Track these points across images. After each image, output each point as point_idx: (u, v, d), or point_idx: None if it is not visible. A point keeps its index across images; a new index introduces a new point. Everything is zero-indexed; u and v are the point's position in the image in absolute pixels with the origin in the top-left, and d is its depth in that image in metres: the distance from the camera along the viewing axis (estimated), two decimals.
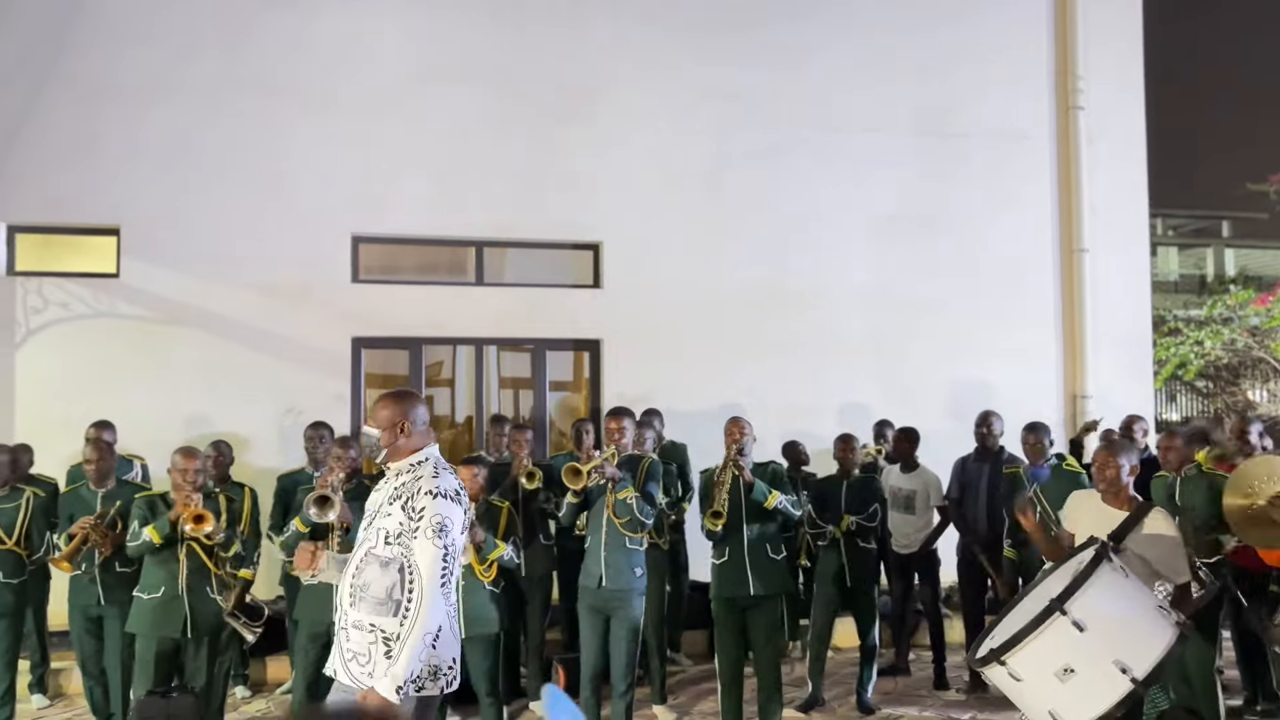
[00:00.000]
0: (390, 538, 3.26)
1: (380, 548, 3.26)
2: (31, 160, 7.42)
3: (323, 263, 7.84)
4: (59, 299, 7.45)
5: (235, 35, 7.79)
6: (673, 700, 6.18)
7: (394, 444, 3.36)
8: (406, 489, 3.31)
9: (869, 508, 6.04)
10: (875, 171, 8.79)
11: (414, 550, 3.22)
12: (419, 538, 3.23)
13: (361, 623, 3.23)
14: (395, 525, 3.26)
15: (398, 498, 3.30)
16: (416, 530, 3.24)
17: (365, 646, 3.22)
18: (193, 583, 5.02)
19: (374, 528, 3.31)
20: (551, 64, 8.29)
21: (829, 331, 8.55)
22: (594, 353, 8.43)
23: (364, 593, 3.24)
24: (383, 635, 3.20)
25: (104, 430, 6.31)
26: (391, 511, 3.29)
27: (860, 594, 6.07)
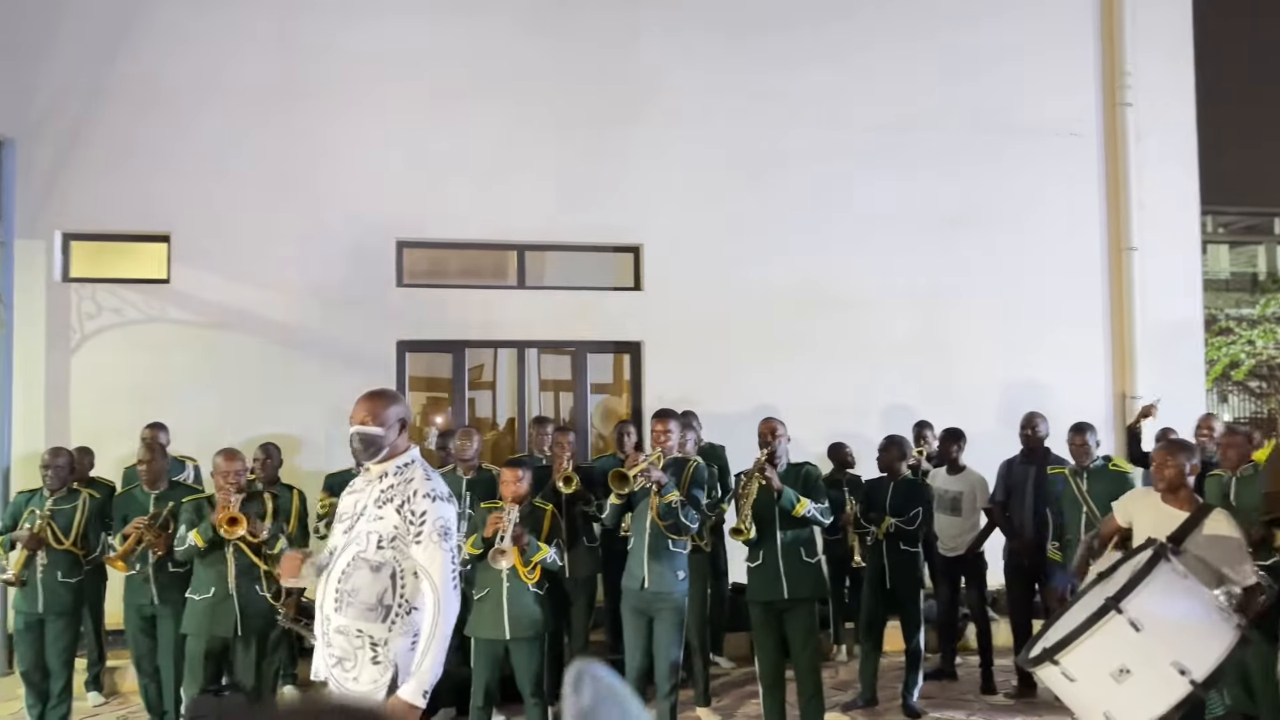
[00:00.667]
0: (384, 542, 3.18)
1: (371, 552, 3.17)
2: (84, 169, 7.58)
3: (368, 267, 7.93)
4: (112, 305, 7.60)
5: (283, 42, 7.91)
6: (716, 702, 6.17)
7: (395, 441, 3.28)
8: (397, 492, 3.22)
9: (911, 510, 5.96)
10: (921, 171, 8.70)
11: (417, 555, 3.17)
12: (423, 542, 3.17)
13: (347, 628, 3.15)
14: (389, 529, 3.18)
15: (388, 500, 3.21)
16: (419, 535, 3.17)
17: (351, 651, 3.15)
18: (242, 583, 5.12)
19: (360, 532, 3.21)
20: (594, 68, 8.32)
21: (873, 332, 8.48)
22: (635, 355, 8.44)
23: (352, 598, 3.15)
24: (370, 640, 3.14)
25: (158, 432, 6.44)
26: (383, 515, 3.19)
27: (904, 597, 6.01)
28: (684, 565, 5.15)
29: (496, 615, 5.02)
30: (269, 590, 5.25)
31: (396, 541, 3.17)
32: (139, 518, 5.49)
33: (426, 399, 8.57)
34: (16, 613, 5.73)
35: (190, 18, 7.81)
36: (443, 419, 8.39)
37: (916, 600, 6.04)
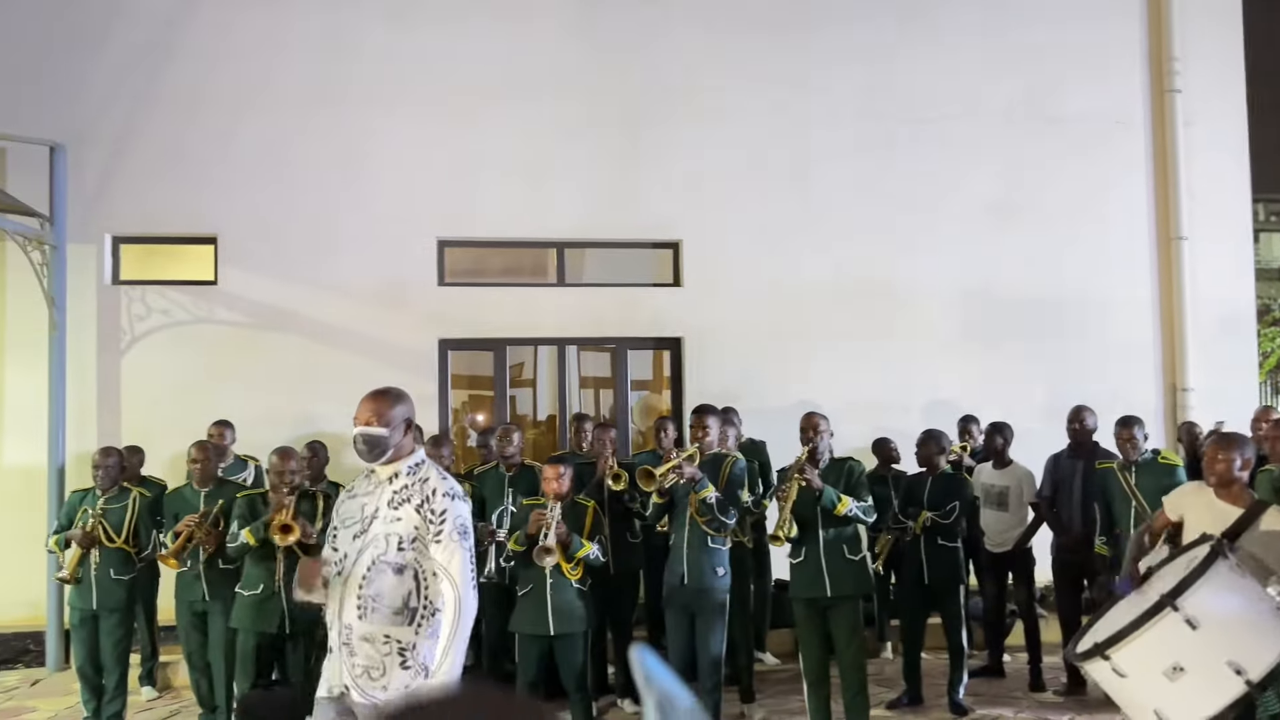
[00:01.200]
0: (404, 543, 3.11)
1: (392, 555, 3.11)
2: (133, 174, 7.73)
3: (410, 267, 8.00)
4: (161, 306, 7.74)
5: (327, 45, 8.00)
6: (761, 699, 6.15)
7: (401, 442, 3.21)
8: (414, 491, 3.16)
9: (948, 505, 5.87)
10: (964, 162, 8.60)
11: (436, 554, 3.11)
12: (443, 541, 3.11)
13: (374, 635, 3.08)
14: (408, 530, 3.11)
15: (404, 501, 3.14)
16: (439, 534, 3.11)
17: (379, 660, 3.08)
18: (290, 581, 5.18)
19: (378, 535, 3.14)
20: (633, 66, 8.32)
21: (916, 325, 8.40)
22: (675, 351, 8.43)
23: (377, 603, 3.09)
24: (398, 646, 3.08)
25: (224, 429, 6.53)
26: (401, 516, 3.13)
27: (943, 594, 5.93)
28: (724, 561, 5.13)
29: (540, 611, 5.04)
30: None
31: (417, 542, 3.11)
32: (190, 515, 5.58)
33: (468, 397, 8.63)
34: (72, 609, 5.85)
35: (236, 23, 7.92)
36: (483, 416, 8.45)
37: (956, 596, 5.96)
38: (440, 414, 8.01)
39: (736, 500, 5.11)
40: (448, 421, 8.15)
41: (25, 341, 7.46)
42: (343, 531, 3.24)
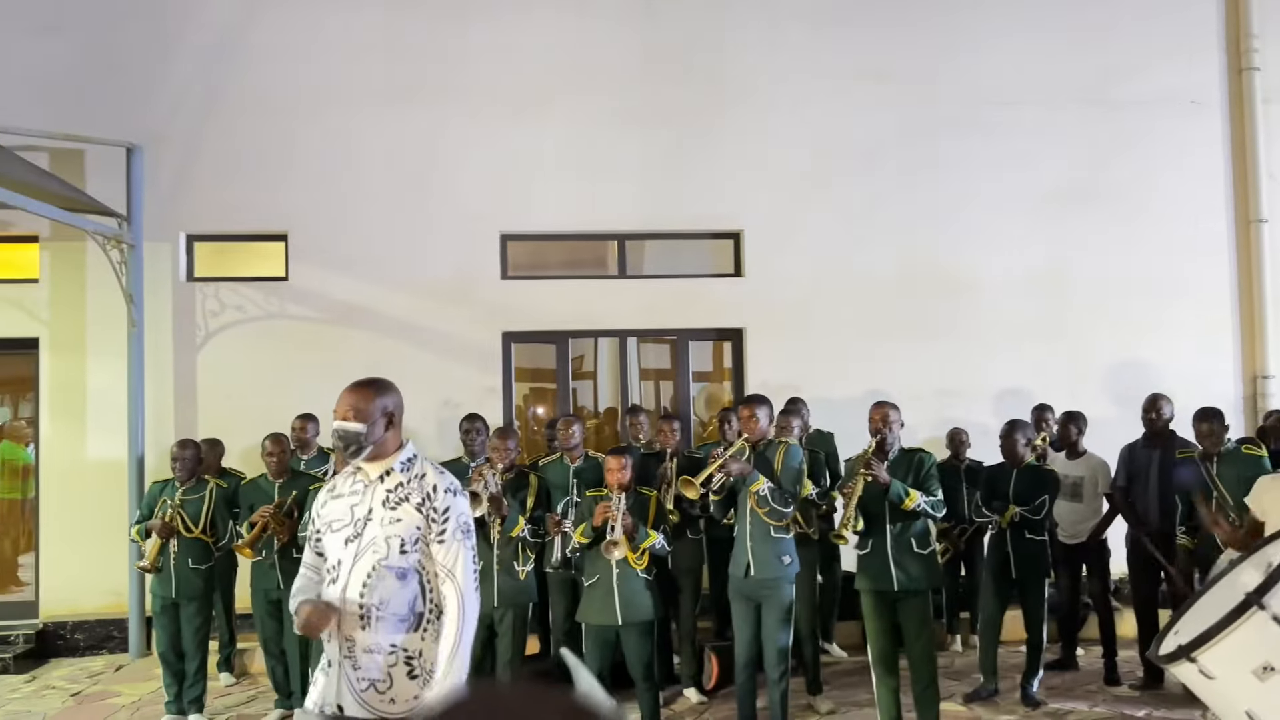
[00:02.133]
0: (407, 545, 2.89)
1: (395, 558, 2.88)
2: (206, 173, 7.92)
3: (474, 261, 8.08)
4: (234, 302, 7.93)
5: (392, 44, 8.10)
6: (828, 691, 6.12)
7: (383, 437, 2.98)
8: (411, 489, 2.94)
9: (1037, 499, 5.74)
10: (1034, 147, 8.42)
11: (438, 555, 2.91)
12: (446, 541, 2.91)
13: (379, 645, 2.86)
14: (410, 530, 2.89)
15: (402, 500, 2.92)
16: (443, 534, 2.91)
17: (384, 671, 2.86)
18: None
19: (376, 538, 2.90)
20: (694, 56, 8.30)
21: (985, 314, 8.25)
22: (736, 342, 8.40)
23: (383, 610, 2.86)
24: (405, 655, 2.86)
25: (307, 423, 6.69)
26: (400, 516, 2.91)
27: (1028, 587, 5.81)
28: (789, 551, 5.10)
29: (608, 602, 5.07)
30: None
31: (420, 544, 2.90)
32: (265, 506, 5.73)
33: (529, 389, 8.70)
34: (153, 597, 6.02)
35: (304, 24, 8.07)
36: (543, 409, 8.52)
37: (1041, 591, 5.83)
38: (504, 406, 8.09)
39: (794, 489, 5.06)
40: (511, 414, 8.23)
41: (106, 339, 7.69)
42: (330, 536, 2.98)
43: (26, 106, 7.43)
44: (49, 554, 7.70)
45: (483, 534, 5.35)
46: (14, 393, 9.38)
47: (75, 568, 7.57)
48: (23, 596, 8.09)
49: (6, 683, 6.94)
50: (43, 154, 7.72)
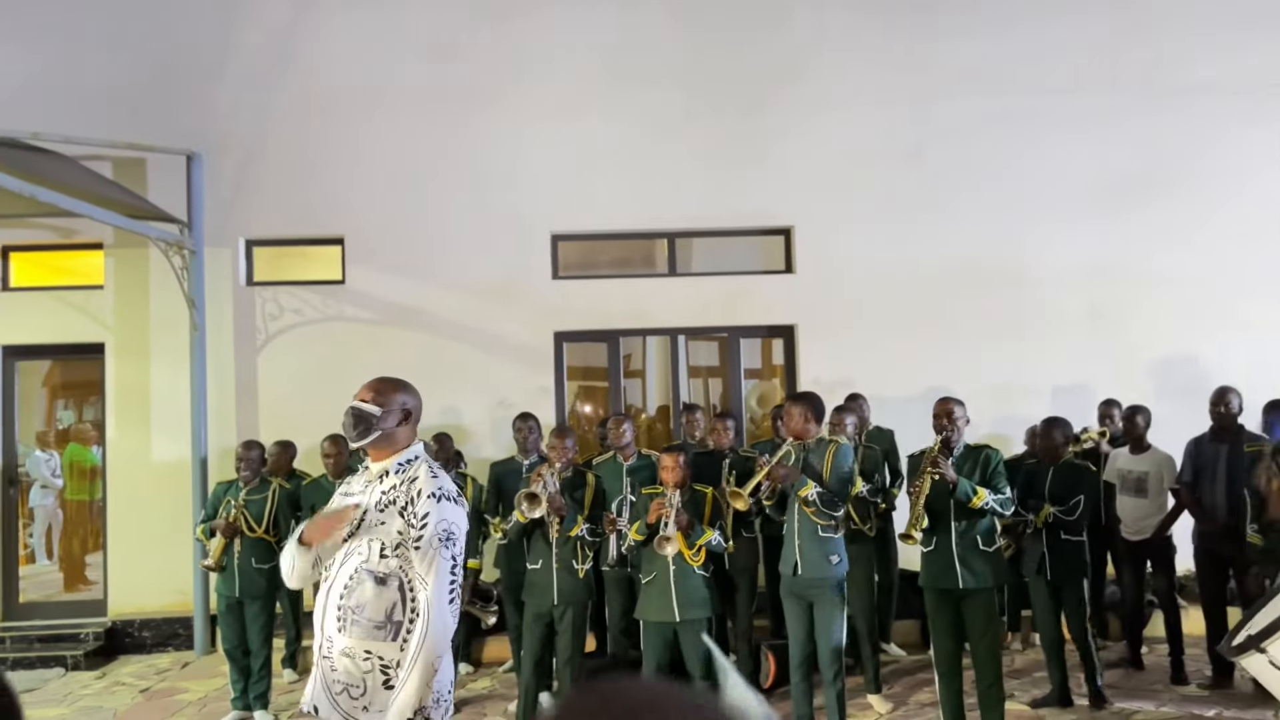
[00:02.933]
0: (387, 550, 2.81)
1: (374, 562, 2.80)
2: (263, 179, 8.06)
3: (525, 261, 8.13)
4: (293, 306, 8.07)
5: (441, 46, 8.19)
6: (887, 690, 6.07)
7: (392, 431, 2.93)
8: (400, 493, 2.87)
9: (1072, 498, 5.59)
10: (1092, 136, 8.25)
11: (416, 562, 2.79)
12: (422, 548, 2.79)
13: (354, 650, 2.78)
14: (393, 535, 2.81)
15: (390, 503, 2.85)
16: (419, 540, 2.79)
17: (359, 677, 2.78)
18: None
19: (363, 540, 2.85)
20: (743, 50, 8.27)
21: (1043, 308, 8.12)
22: (788, 339, 8.36)
23: (357, 615, 2.78)
24: (380, 663, 2.77)
25: None
26: (386, 519, 2.84)
27: (1065, 588, 5.67)
28: (837, 550, 5.03)
29: (665, 598, 5.08)
30: None
31: (401, 549, 2.80)
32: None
33: (581, 388, 8.74)
34: (219, 596, 6.14)
35: (354, 28, 8.18)
36: (591, 407, 8.56)
37: (1078, 590, 5.66)
38: (556, 405, 8.14)
39: (843, 488, 5.00)
40: (564, 413, 8.27)
41: (169, 342, 7.87)
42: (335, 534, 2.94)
43: (90, 117, 7.62)
44: (116, 553, 7.90)
45: (542, 533, 5.39)
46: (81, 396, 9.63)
47: (142, 567, 7.75)
48: (92, 595, 8.32)
49: (78, 679, 7.13)
50: (106, 163, 7.92)
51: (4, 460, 8.07)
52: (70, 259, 8.22)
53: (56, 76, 7.93)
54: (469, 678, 6.76)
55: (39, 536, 9.87)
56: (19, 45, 7.96)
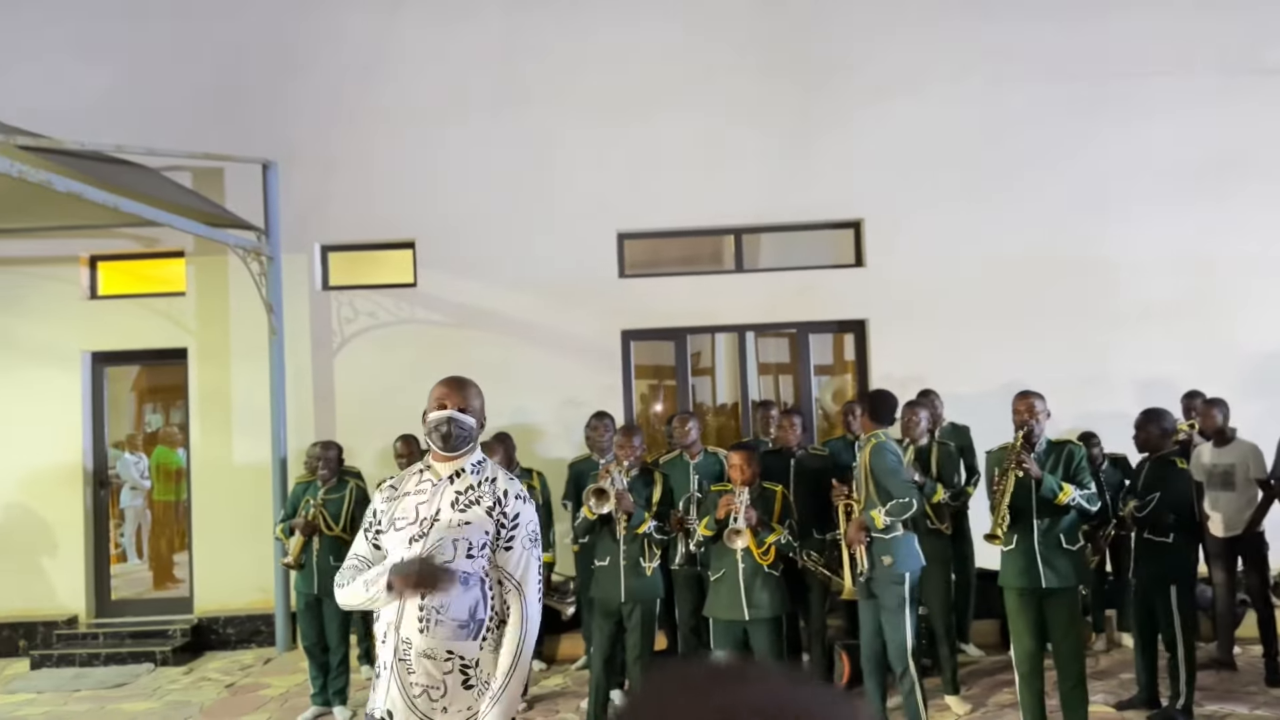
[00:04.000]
0: (474, 550, 2.80)
1: (460, 561, 2.78)
2: (337, 185, 8.23)
3: (592, 260, 8.16)
4: (367, 309, 8.22)
5: (509, 51, 8.26)
6: (966, 691, 5.94)
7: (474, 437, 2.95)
8: (482, 492, 2.86)
9: (1150, 495, 5.34)
10: (1175, 119, 7.97)
11: (506, 562, 2.83)
12: (514, 548, 2.83)
13: (436, 651, 2.75)
14: (479, 535, 2.81)
15: (473, 503, 2.84)
16: (511, 541, 2.83)
17: (439, 679, 2.75)
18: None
19: (443, 540, 2.80)
20: (807, 41, 8.18)
21: (1124, 298, 7.87)
22: (859, 334, 8.24)
23: (441, 615, 2.75)
24: (461, 663, 2.76)
25: None
26: (470, 519, 2.82)
27: (1152, 592, 5.41)
28: (898, 549, 4.95)
29: (734, 597, 5.05)
30: None
31: (486, 549, 2.81)
32: None
33: (649, 386, 8.74)
34: (298, 593, 6.27)
35: (426, 36, 8.29)
36: (661, 406, 8.54)
37: (1165, 596, 5.35)
38: (624, 404, 8.15)
39: (902, 487, 4.91)
40: (632, 411, 8.28)
41: (248, 347, 8.08)
42: (393, 534, 2.87)
43: (170, 129, 7.86)
44: (201, 552, 8.14)
45: (609, 531, 5.40)
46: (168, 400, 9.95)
47: (225, 565, 7.98)
48: (179, 593, 8.59)
49: (166, 674, 7.37)
50: (185, 173, 8.17)
51: (95, 463, 8.38)
52: (154, 267, 8.50)
53: (137, 90, 8.20)
54: (542, 675, 6.80)
55: (129, 536, 10.23)
56: (102, 61, 8.25)
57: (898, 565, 4.93)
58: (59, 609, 8.13)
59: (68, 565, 8.17)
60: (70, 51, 8.29)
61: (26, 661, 7.67)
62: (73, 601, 8.16)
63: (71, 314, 8.25)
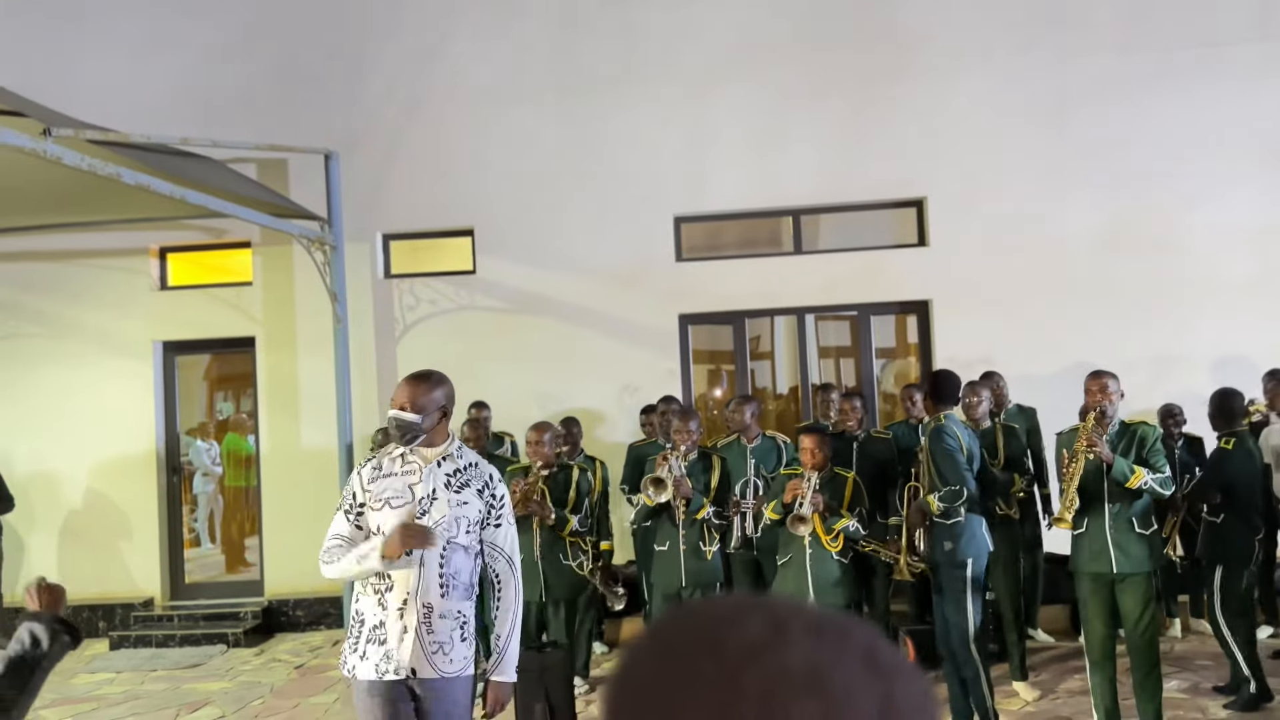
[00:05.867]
0: (471, 526, 3.19)
1: (461, 536, 3.16)
2: (397, 175, 8.32)
3: (649, 245, 8.13)
4: (428, 296, 8.31)
5: (564, 36, 8.25)
6: (1035, 678, 5.83)
7: (434, 428, 3.20)
8: (471, 475, 3.23)
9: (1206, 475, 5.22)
10: (1255, 88, 7.66)
11: (495, 537, 3.24)
12: (503, 525, 3.26)
13: (450, 611, 3.14)
14: (475, 514, 3.19)
15: (465, 484, 3.20)
16: (500, 517, 3.24)
17: (449, 635, 3.14)
18: (546, 551, 5.44)
19: (446, 516, 3.13)
20: (865, 17, 8.03)
21: (1199, 275, 7.60)
22: (922, 315, 8.10)
23: (455, 580, 3.15)
24: (462, 620, 3.17)
25: (482, 410, 6.99)
26: (467, 500, 3.18)
27: (1206, 573, 5.31)
28: (960, 534, 4.84)
29: (800, 581, 5.01)
30: (573, 560, 5.57)
31: (477, 525, 3.20)
32: None
33: (708, 371, 8.70)
34: None
35: (481, 24, 8.32)
36: (720, 391, 8.50)
37: (1212, 576, 5.23)
38: (683, 388, 8.12)
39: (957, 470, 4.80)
40: (691, 396, 8.25)
41: (314, 335, 8.22)
42: (389, 512, 3.14)
43: (234, 122, 8.01)
44: (271, 537, 8.33)
45: (669, 515, 5.39)
46: (236, 389, 10.19)
47: (294, 549, 8.13)
48: (250, 576, 8.81)
49: (238, 655, 7.56)
50: (250, 165, 8.32)
51: (167, 450, 8.61)
52: (222, 258, 8.69)
53: (202, 84, 8.37)
54: (603, 658, 6.83)
55: (202, 521, 10.52)
56: (166, 56, 8.43)
57: (959, 551, 4.84)
58: (136, 592, 8.38)
59: (143, 549, 8.42)
60: (135, 48, 8.48)
61: (106, 642, 7.93)
62: (149, 584, 8.42)
63: (142, 304, 8.47)
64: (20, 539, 8.37)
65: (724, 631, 0.62)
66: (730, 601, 0.65)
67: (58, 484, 8.43)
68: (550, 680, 5.05)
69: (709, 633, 0.62)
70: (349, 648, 3.20)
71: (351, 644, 3.19)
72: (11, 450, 8.34)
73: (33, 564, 8.46)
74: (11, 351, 8.53)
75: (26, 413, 8.45)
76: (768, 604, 0.64)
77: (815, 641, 0.61)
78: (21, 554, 8.40)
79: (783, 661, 0.59)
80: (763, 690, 0.58)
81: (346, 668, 3.19)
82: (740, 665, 0.60)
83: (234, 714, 6.14)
